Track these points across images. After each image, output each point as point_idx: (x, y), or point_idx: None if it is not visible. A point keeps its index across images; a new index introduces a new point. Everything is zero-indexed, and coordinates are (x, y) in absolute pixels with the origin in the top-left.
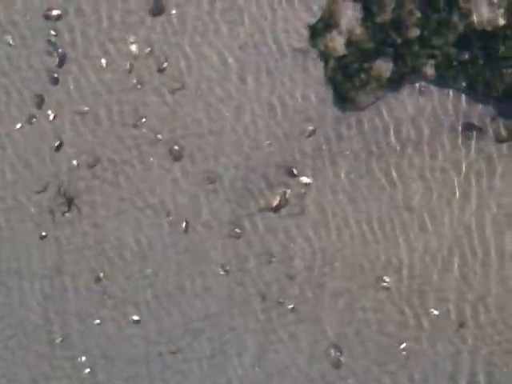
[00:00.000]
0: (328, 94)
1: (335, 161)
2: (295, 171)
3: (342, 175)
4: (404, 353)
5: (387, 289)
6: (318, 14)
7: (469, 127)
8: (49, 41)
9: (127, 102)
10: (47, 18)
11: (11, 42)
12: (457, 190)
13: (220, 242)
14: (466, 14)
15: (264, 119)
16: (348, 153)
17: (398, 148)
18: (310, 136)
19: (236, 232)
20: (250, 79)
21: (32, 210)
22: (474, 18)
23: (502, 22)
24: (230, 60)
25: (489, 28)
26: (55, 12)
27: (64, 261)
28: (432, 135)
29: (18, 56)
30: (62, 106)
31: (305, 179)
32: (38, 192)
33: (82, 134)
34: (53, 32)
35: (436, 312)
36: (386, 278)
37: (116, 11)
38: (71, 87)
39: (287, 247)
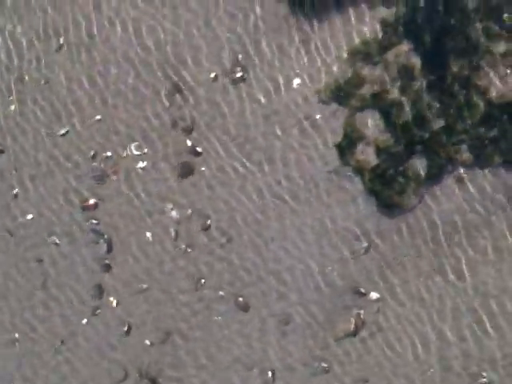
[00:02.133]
0: (371, 205)
1: (397, 269)
2: (362, 290)
3: (409, 281)
4: None
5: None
6: (341, 132)
7: None
8: (93, 230)
9: (182, 268)
10: (85, 209)
11: (57, 242)
12: None
13: (310, 381)
14: (483, 92)
15: (316, 247)
16: (407, 258)
17: (455, 239)
18: (366, 252)
19: (323, 367)
20: (291, 212)
21: None
22: (492, 92)
23: None
24: (269, 197)
25: (509, 99)
26: (91, 201)
27: None
28: (484, 217)
29: (67, 254)
30: (121, 289)
31: (374, 295)
32: (121, 381)
33: (147, 311)
34: (94, 221)
35: None
36: (484, 373)
37: (147, 184)
38: (125, 270)
39: (381, 369)
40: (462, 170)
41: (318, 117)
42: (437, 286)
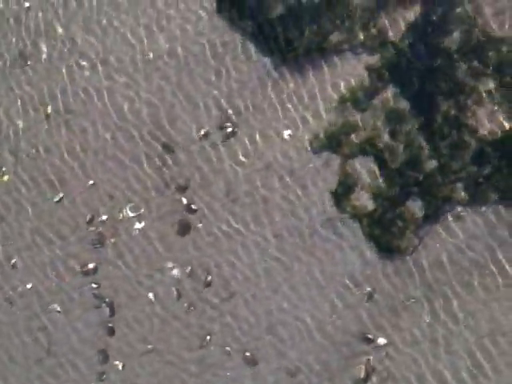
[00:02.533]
0: (371, 251)
1: (403, 313)
2: (370, 336)
3: (415, 324)
4: None
5: None
6: (335, 181)
7: None
8: (94, 295)
9: (186, 326)
10: (85, 273)
11: (59, 309)
12: None
13: None
14: (473, 130)
15: (320, 296)
16: (413, 300)
17: (460, 278)
18: (370, 298)
19: None
20: (293, 262)
21: None
22: (482, 130)
23: (507, 125)
24: (271, 250)
25: (500, 135)
26: (91, 265)
27: None
28: (487, 255)
29: (69, 321)
30: (126, 352)
31: (381, 341)
32: None
33: (154, 372)
34: (94, 285)
35: None
36: None
37: (145, 244)
38: (129, 332)
39: None
40: (459, 209)
41: (310, 166)
42: (443, 328)
